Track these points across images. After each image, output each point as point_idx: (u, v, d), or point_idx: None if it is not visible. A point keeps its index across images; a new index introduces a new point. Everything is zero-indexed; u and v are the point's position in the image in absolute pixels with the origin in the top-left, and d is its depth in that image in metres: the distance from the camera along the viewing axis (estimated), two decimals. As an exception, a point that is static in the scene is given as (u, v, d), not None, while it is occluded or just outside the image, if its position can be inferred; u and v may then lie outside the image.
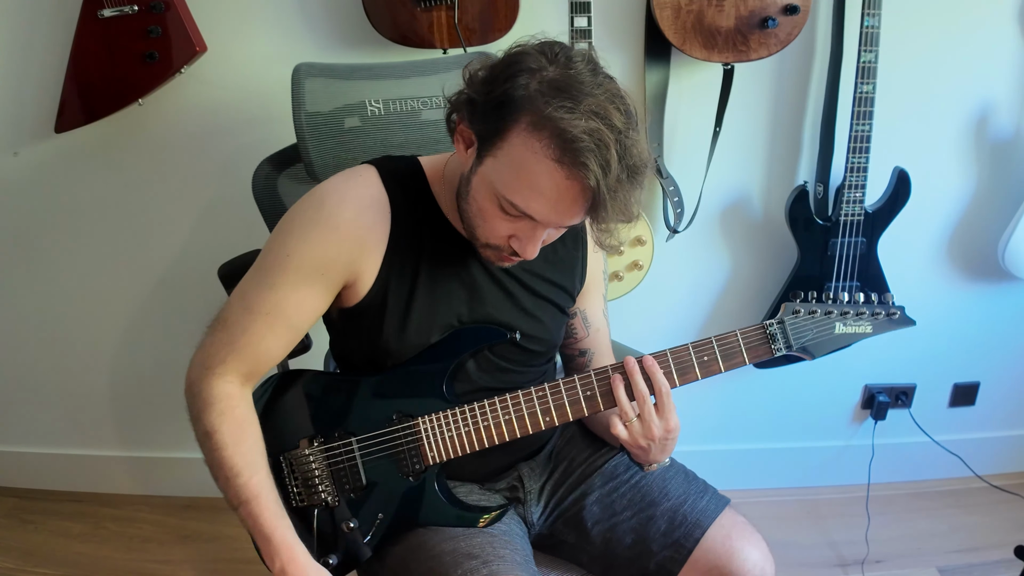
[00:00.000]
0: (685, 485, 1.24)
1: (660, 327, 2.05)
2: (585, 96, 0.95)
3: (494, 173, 1.01)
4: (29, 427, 2.21)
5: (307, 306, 1.10)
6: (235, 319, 1.09)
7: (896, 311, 1.17)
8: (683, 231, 1.87)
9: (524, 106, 0.96)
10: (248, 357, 1.09)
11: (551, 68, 0.98)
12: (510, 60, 1.00)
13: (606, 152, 0.94)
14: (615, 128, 0.95)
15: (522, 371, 1.23)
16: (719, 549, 1.17)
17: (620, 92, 1.00)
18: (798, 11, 1.63)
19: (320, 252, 1.08)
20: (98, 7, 1.61)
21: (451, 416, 1.13)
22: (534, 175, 0.97)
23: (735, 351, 1.13)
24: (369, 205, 1.10)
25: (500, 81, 0.99)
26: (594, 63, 1.01)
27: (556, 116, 0.94)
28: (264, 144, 1.50)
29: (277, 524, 1.07)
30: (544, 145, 0.95)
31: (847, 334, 1.17)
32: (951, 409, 2.22)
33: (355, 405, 1.15)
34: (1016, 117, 1.89)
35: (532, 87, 0.96)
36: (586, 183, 0.95)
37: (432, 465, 1.14)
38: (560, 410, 1.13)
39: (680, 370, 1.12)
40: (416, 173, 1.16)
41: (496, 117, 0.99)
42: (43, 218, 1.97)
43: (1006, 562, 1.88)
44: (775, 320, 1.14)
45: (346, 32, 1.76)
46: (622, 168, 0.96)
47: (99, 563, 2.03)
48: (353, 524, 1.15)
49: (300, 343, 1.31)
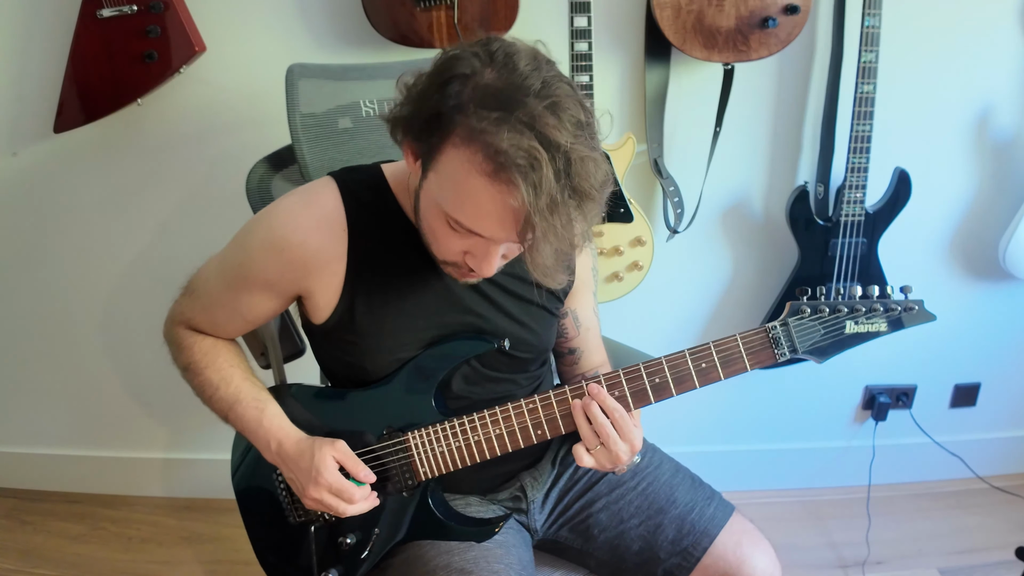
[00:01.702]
0: (692, 492, 1.23)
1: (660, 328, 2.05)
2: (519, 104, 0.86)
3: (437, 190, 0.94)
4: (28, 428, 2.21)
5: (259, 309, 1.14)
6: (200, 292, 1.16)
7: (914, 305, 1.05)
8: (683, 231, 1.86)
9: (455, 118, 0.88)
10: (207, 327, 1.18)
11: (486, 72, 0.89)
12: (441, 67, 0.92)
13: (538, 169, 0.84)
14: (551, 142, 0.85)
15: (513, 378, 1.20)
16: (729, 556, 1.17)
17: (572, 97, 0.89)
18: (798, 11, 1.63)
19: (262, 271, 1.09)
20: (97, 7, 1.61)
21: (441, 431, 1.10)
22: (472, 192, 0.89)
23: (735, 357, 1.06)
24: (318, 226, 1.06)
25: (431, 92, 0.91)
26: (539, 62, 0.90)
27: (484, 128, 0.86)
28: (264, 144, 1.49)
29: (262, 416, 1.11)
30: (475, 161, 0.87)
31: (859, 334, 1.05)
32: (952, 410, 2.21)
33: (345, 420, 1.14)
34: (1017, 117, 1.88)
35: (464, 95, 0.88)
36: (516, 206, 0.86)
37: (425, 481, 1.13)
38: (552, 423, 1.09)
39: (677, 379, 1.06)
40: (379, 185, 1.10)
41: (429, 132, 0.91)
42: (42, 218, 1.97)
43: (1007, 563, 1.87)
44: (778, 322, 1.06)
45: (346, 32, 1.75)
46: (561, 188, 0.86)
47: (98, 564, 2.02)
48: (350, 540, 1.14)
49: (294, 347, 1.32)
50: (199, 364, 1.15)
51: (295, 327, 1.40)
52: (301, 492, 1.09)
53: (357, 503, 1.08)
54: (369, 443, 1.12)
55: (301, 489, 1.09)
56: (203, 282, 1.16)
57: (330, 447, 1.08)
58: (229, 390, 1.13)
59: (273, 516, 1.18)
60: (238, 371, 1.16)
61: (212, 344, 1.17)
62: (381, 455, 1.12)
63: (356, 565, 1.15)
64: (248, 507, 1.21)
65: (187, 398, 1.16)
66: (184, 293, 1.18)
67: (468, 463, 1.11)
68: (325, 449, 1.07)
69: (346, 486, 1.06)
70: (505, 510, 1.25)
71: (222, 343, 1.18)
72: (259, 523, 1.20)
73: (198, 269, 1.18)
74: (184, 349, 1.17)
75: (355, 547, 1.14)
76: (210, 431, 2.15)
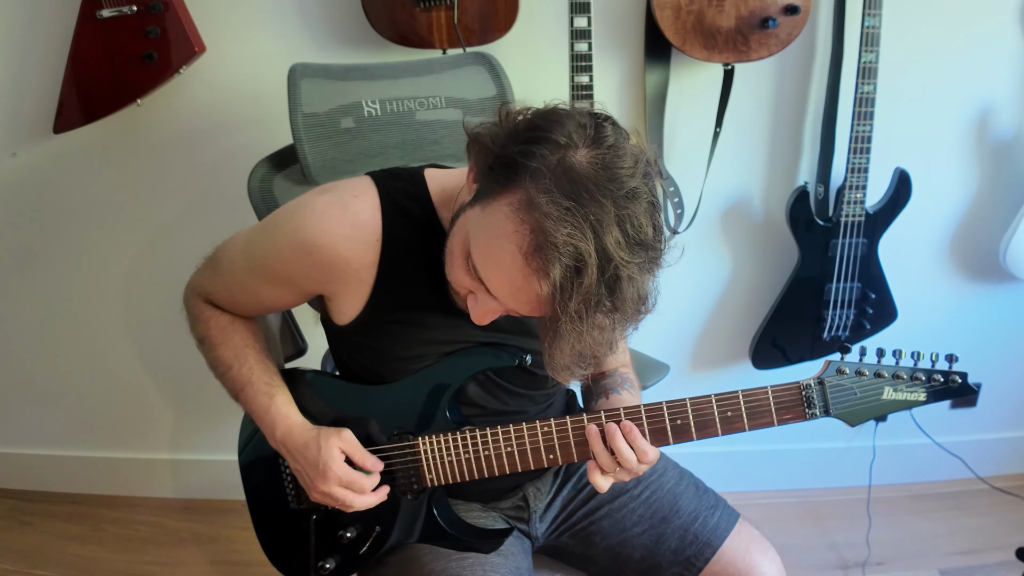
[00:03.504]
0: (696, 500, 1.21)
1: (660, 328, 2.05)
2: (595, 203, 0.81)
3: (473, 225, 0.90)
4: (27, 428, 2.21)
5: (278, 299, 1.14)
6: (224, 270, 1.14)
7: (957, 378, 0.99)
8: (683, 232, 1.86)
9: (525, 180, 0.84)
10: (226, 304, 1.16)
11: (581, 151, 0.84)
12: (542, 120, 0.87)
13: (582, 275, 0.81)
14: (608, 255, 0.81)
15: (530, 395, 1.18)
16: (738, 563, 1.16)
17: (648, 213, 0.84)
18: (798, 11, 1.63)
19: (287, 267, 1.06)
20: (97, 7, 1.61)
21: (452, 440, 1.09)
22: (502, 256, 0.85)
23: (763, 410, 1.01)
24: (352, 234, 1.02)
25: (520, 140, 0.87)
26: (638, 168, 0.85)
27: (547, 211, 0.81)
28: (264, 144, 1.49)
29: (270, 402, 1.10)
30: (521, 232, 0.83)
31: (896, 400, 0.99)
32: (952, 411, 2.21)
33: (355, 414, 1.13)
34: (1017, 118, 1.88)
35: (546, 164, 0.83)
36: (541, 294, 0.83)
37: (431, 487, 1.12)
38: (565, 450, 1.05)
39: (699, 423, 1.02)
40: (420, 196, 1.06)
41: (497, 175, 0.87)
42: (42, 219, 1.97)
43: (1007, 564, 1.87)
44: (813, 379, 1.01)
45: (345, 32, 1.75)
46: (598, 299, 0.83)
47: (97, 565, 2.02)
48: (350, 534, 1.14)
49: (295, 348, 1.31)
50: (214, 340, 1.14)
51: (296, 327, 1.40)
52: (309, 486, 1.08)
53: (367, 495, 1.07)
54: (378, 441, 1.11)
55: (309, 483, 1.08)
56: (227, 260, 1.14)
57: (336, 438, 1.06)
58: (242, 370, 1.12)
59: (276, 500, 1.18)
60: (252, 352, 1.14)
61: (229, 321, 1.15)
62: (389, 455, 1.11)
63: (354, 559, 1.15)
64: (252, 487, 1.20)
65: (187, 399, 1.16)
66: (207, 265, 1.16)
67: (476, 476, 1.09)
68: (332, 440, 1.06)
69: (355, 477, 1.05)
70: (506, 519, 1.23)
71: (240, 321, 1.16)
72: (262, 505, 1.20)
73: (224, 241, 1.15)
74: (201, 322, 1.16)
75: (354, 541, 1.14)
76: (211, 432, 2.15)
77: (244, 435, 1.21)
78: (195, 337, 1.17)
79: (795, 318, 1.91)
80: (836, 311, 1.86)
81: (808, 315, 1.89)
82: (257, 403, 1.11)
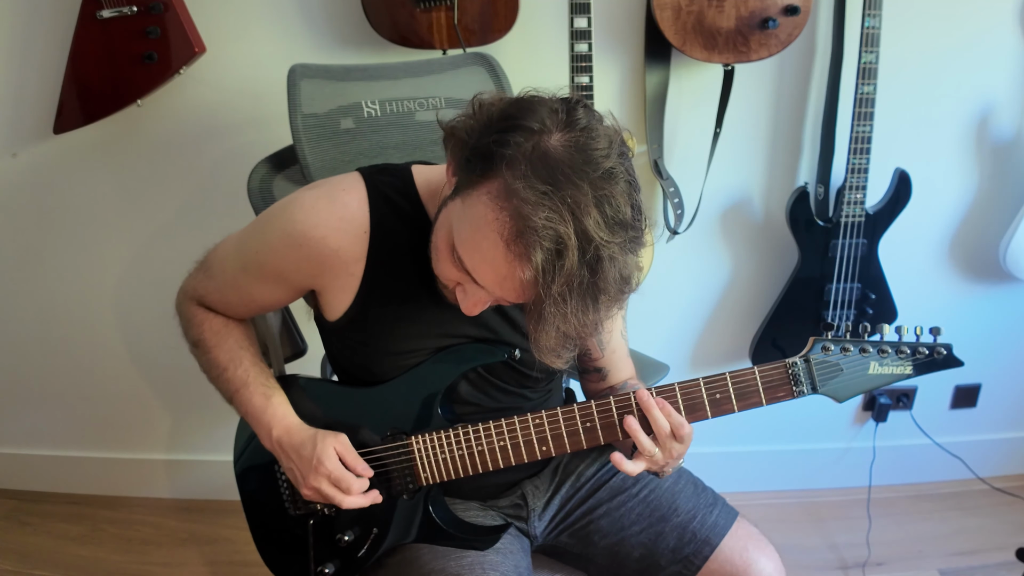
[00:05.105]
0: (694, 499, 1.22)
1: (660, 328, 2.05)
2: (571, 185, 0.82)
3: (457, 220, 0.91)
4: (27, 428, 2.21)
5: (270, 297, 1.14)
6: (215, 272, 1.15)
7: (943, 350, 1.02)
8: (683, 232, 1.86)
9: (502, 168, 0.85)
10: (218, 306, 1.17)
11: (554, 134, 0.85)
12: (515, 109, 0.88)
13: (563, 257, 0.82)
14: (587, 235, 0.82)
15: (522, 392, 1.19)
16: (736, 561, 1.16)
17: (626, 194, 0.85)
18: (798, 12, 1.63)
19: (278, 261, 1.07)
20: (97, 8, 1.61)
21: (445, 437, 1.10)
22: (485, 245, 0.87)
23: (751, 390, 1.03)
24: (340, 226, 1.04)
25: (494, 129, 0.87)
26: (612, 149, 0.86)
27: (525, 197, 0.82)
28: (264, 145, 1.49)
29: (266, 403, 1.11)
30: (501, 220, 0.84)
31: (883, 375, 1.01)
32: (952, 411, 2.21)
33: (349, 417, 1.13)
34: (1017, 118, 1.88)
35: (521, 150, 0.84)
36: (525, 279, 0.84)
37: (426, 486, 1.12)
38: (558, 440, 1.07)
39: (689, 407, 1.04)
40: (407, 190, 1.07)
41: (474, 166, 0.88)
42: (42, 219, 1.97)
43: (1008, 564, 1.87)
44: (799, 357, 1.02)
45: (346, 33, 1.75)
46: (580, 280, 0.83)
47: (97, 565, 2.02)
48: (348, 537, 1.14)
49: (295, 348, 1.31)
50: (208, 343, 1.15)
51: (296, 327, 1.40)
52: (300, 482, 1.09)
53: (355, 495, 1.07)
54: (372, 442, 1.12)
55: (300, 478, 1.08)
56: (219, 261, 1.15)
57: (333, 438, 1.08)
58: (237, 372, 1.13)
59: (273, 507, 1.18)
60: (247, 354, 1.15)
61: (223, 324, 1.16)
62: (383, 456, 1.12)
63: (353, 561, 1.15)
64: (249, 496, 1.21)
65: (187, 399, 1.16)
66: (199, 268, 1.17)
67: (470, 472, 1.10)
68: (328, 440, 1.07)
69: (345, 475, 1.06)
70: (505, 517, 1.24)
71: (233, 323, 1.17)
72: (259, 513, 1.20)
73: (215, 245, 1.17)
74: (195, 326, 1.16)
75: (352, 544, 1.14)
76: (210, 432, 2.15)
77: (239, 444, 1.21)
78: (189, 341, 1.18)
79: (795, 318, 1.91)
80: (836, 311, 1.86)
81: (808, 315, 1.89)
82: (253, 404, 1.12)
